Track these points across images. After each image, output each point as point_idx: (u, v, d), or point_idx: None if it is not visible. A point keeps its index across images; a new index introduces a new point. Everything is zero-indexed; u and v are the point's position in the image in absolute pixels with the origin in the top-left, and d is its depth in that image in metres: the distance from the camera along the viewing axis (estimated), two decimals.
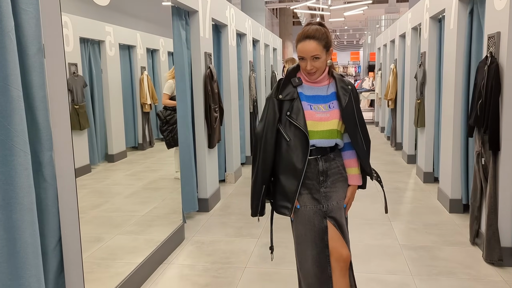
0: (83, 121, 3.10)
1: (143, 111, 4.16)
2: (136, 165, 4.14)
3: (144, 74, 4.06)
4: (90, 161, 3.23)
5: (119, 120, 3.69)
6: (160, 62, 4.31)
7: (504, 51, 3.05)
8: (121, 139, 3.77)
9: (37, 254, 2.04)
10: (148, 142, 4.30)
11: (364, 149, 2.12)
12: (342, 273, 2.08)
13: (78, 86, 3.03)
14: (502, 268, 3.11)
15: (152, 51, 4.20)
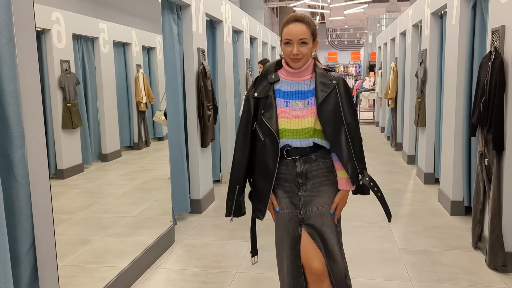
0: (76, 120, 3.01)
1: (139, 110, 4.05)
2: (130, 165, 4.02)
3: (140, 72, 3.95)
4: (83, 161, 3.14)
5: (113, 119, 3.59)
6: (156, 60, 4.19)
7: (509, 45, 2.89)
8: (115, 138, 3.67)
9: (5, 260, 1.88)
10: (144, 141, 4.19)
11: (349, 151, 1.90)
12: (317, 286, 1.92)
13: (71, 83, 2.94)
14: (506, 275, 2.95)
15: (148, 49, 4.09)
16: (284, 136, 1.90)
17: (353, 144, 1.92)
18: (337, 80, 1.94)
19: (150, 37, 4.12)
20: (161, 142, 4.50)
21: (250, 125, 1.96)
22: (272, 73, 1.97)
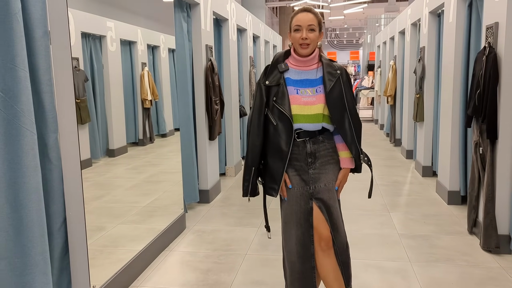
0: (84, 115, 3.13)
1: (144, 107, 4.19)
2: (136, 160, 4.17)
3: (145, 70, 4.09)
4: (92, 155, 3.26)
5: (119, 115, 3.72)
6: (160, 59, 4.35)
7: (502, 41, 3.09)
8: (122, 134, 3.80)
9: (43, 232, 2.08)
10: (149, 138, 4.34)
11: (352, 134, 2.11)
12: (325, 253, 2.12)
13: (80, 80, 3.06)
14: (499, 255, 3.15)
15: (152, 47, 4.24)
16: (297, 121, 2.10)
17: (355, 127, 2.13)
18: (341, 70, 2.14)
19: (155, 36, 4.28)
20: (164, 139, 4.65)
21: (263, 111, 2.15)
22: (281, 63, 2.16)
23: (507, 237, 3.18)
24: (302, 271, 2.14)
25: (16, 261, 2.03)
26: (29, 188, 2.01)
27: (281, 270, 2.95)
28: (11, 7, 1.90)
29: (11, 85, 1.95)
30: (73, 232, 2.36)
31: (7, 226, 2.00)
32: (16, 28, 1.93)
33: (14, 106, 1.96)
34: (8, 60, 1.93)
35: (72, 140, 2.30)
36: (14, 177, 1.99)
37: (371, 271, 2.94)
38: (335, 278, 2.13)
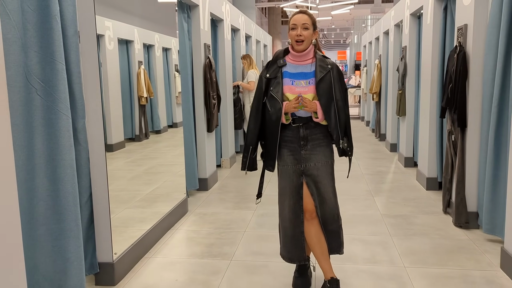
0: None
1: (140, 104, 4.47)
2: (134, 154, 4.47)
3: (141, 68, 4.36)
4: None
5: (118, 111, 3.98)
6: (155, 57, 4.63)
7: (470, 40, 3.51)
8: (120, 130, 4.07)
9: (76, 202, 2.42)
10: (144, 134, 4.63)
11: (336, 122, 2.43)
12: (309, 222, 2.49)
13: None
14: (468, 230, 3.57)
15: (148, 46, 4.53)
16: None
17: (339, 116, 2.47)
18: (332, 66, 2.51)
19: (150, 35, 4.58)
20: (159, 135, 4.95)
21: (262, 99, 2.52)
22: (281, 59, 2.53)
23: (475, 214, 3.60)
24: (293, 235, 2.52)
25: (53, 227, 2.37)
26: (65, 164, 2.36)
27: (276, 243, 3.33)
28: (51, 9, 2.25)
29: (50, 76, 2.29)
30: (98, 205, 2.71)
31: (46, 197, 2.34)
32: (55, 28, 2.27)
33: (53, 94, 2.30)
34: (48, 55, 2.27)
35: (97, 125, 2.65)
36: (52, 154, 2.33)
37: (356, 243, 3.33)
38: (317, 242, 2.49)
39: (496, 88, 3.12)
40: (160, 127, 4.87)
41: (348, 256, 3.03)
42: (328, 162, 2.50)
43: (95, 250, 2.74)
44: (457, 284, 2.68)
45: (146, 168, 4.56)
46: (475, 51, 3.48)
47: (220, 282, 2.76)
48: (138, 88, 4.29)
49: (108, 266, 2.75)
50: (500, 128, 3.16)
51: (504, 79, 3.08)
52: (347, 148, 2.51)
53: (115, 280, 2.77)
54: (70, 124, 2.38)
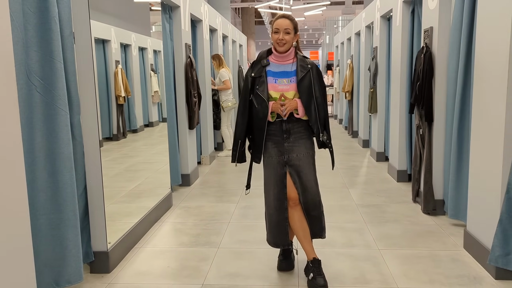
0: None
1: (118, 103, 4.57)
2: (113, 153, 4.57)
3: (119, 67, 4.47)
4: None
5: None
6: (132, 57, 4.75)
7: (435, 42, 3.81)
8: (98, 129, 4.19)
9: (74, 193, 2.57)
10: (122, 133, 4.73)
11: (316, 117, 2.66)
12: (293, 209, 2.71)
13: None
14: (436, 216, 3.88)
15: (124, 46, 4.64)
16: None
17: (319, 112, 2.70)
18: (312, 65, 2.73)
19: (126, 35, 4.69)
20: (135, 134, 5.05)
21: (248, 97, 2.72)
22: (264, 59, 2.74)
23: (442, 201, 3.91)
24: (278, 221, 2.73)
25: (53, 217, 2.51)
26: (63, 157, 2.50)
27: (260, 232, 3.55)
28: (50, 11, 2.39)
29: (50, 74, 2.43)
30: (93, 197, 2.85)
31: (46, 188, 2.47)
32: (54, 29, 2.41)
33: (51, 91, 2.44)
34: (48, 54, 2.41)
35: (92, 121, 2.79)
36: (51, 148, 2.47)
37: (334, 230, 3.57)
38: (300, 227, 2.71)
39: (459, 85, 3.42)
40: (137, 126, 4.96)
41: (327, 241, 3.26)
42: (310, 153, 2.72)
43: (89, 239, 2.88)
44: (426, 262, 2.95)
45: (127, 166, 4.67)
46: (440, 52, 3.78)
47: (210, 267, 2.95)
48: (115, 87, 4.37)
49: (103, 255, 2.89)
50: (463, 122, 3.46)
51: (465, 77, 3.38)
52: (326, 140, 2.73)
53: (110, 268, 2.92)
54: (68, 119, 2.52)
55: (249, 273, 2.86)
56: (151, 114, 4.95)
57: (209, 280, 2.76)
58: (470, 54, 3.32)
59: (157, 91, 4.95)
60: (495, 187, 2.74)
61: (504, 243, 2.64)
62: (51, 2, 2.39)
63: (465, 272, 2.80)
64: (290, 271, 2.85)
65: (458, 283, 2.66)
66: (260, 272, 2.86)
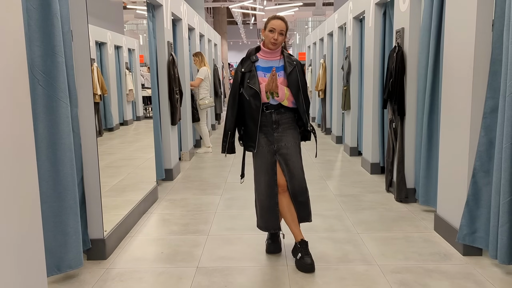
0: None
1: (94, 102, 4.67)
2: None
3: (94, 65, 4.56)
4: None
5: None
6: (107, 55, 4.84)
7: (407, 42, 4.11)
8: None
9: (74, 182, 2.69)
10: (98, 131, 4.82)
11: (303, 108, 2.90)
12: (281, 194, 2.92)
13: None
14: (408, 204, 4.18)
15: (100, 44, 4.72)
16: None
17: (306, 103, 2.94)
18: (296, 62, 2.96)
19: (102, 33, 4.78)
20: (111, 133, 5.14)
21: (238, 91, 2.91)
22: (253, 55, 2.94)
23: (413, 189, 4.21)
24: (268, 206, 2.93)
25: (54, 205, 2.63)
26: (64, 148, 2.62)
27: (247, 221, 3.74)
28: (52, 8, 2.51)
29: (51, 68, 2.54)
30: (90, 186, 2.97)
31: (47, 177, 2.59)
32: (56, 24, 2.53)
33: (53, 84, 2.56)
34: (50, 48, 2.52)
35: (89, 114, 2.91)
36: (53, 138, 2.58)
37: (316, 217, 3.78)
38: (288, 211, 2.93)
39: (428, 82, 3.72)
40: (112, 124, 5.06)
41: (310, 227, 3.48)
42: (296, 143, 2.95)
43: (86, 227, 2.99)
44: (401, 243, 3.23)
45: (107, 163, 4.74)
46: (410, 51, 4.08)
47: (202, 252, 3.12)
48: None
49: (100, 242, 3.01)
50: (432, 115, 3.76)
51: (434, 74, 3.68)
52: (312, 129, 2.97)
53: (106, 254, 3.04)
54: (69, 111, 2.64)
55: (240, 256, 3.05)
56: (126, 113, 5.05)
57: (203, 263, 2.93)
58: (439, 53, 3.62)
59: (132, 89, 5.05)
60: (462, 173, 3.03)
61: (471, 223, 2.93)
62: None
63: (436, 250, 3.09)
64: (278, 254, 3.06)
65: (431, 259, 2.94)
66: (250, 255, 3.05)
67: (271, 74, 2.82)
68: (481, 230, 2.90)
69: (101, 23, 4.57)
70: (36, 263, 1.91)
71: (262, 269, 2.86)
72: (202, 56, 7.10)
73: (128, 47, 4.88)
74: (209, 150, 7.22)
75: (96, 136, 2.98)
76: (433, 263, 2.88)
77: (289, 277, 2.73)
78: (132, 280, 2.72)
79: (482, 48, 2.84)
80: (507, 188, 2.58)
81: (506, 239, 2.61)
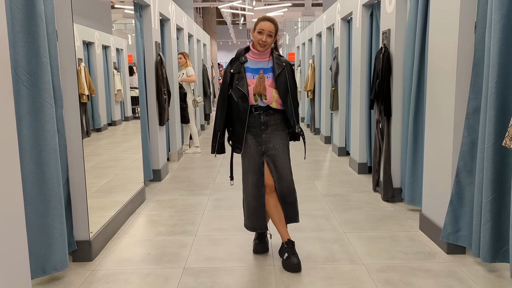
0: None
1: (81, 102, 4.63)
2: None
3: (82, 65, 4.54)
4: None
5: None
6: (95, 55, 4.81)
7: (393, 43, 4.15)
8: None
9: (59, 183, 2.67)
10: (86, 132, 4.79)
11: (291, 110, 2.91)
12: (269, 195, 2.93)
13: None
14: (394, 203, 4.22)
15: (87, 44, 4.70)
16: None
17: (294, 105, 2.95)
18: (286, 63, 2.96)
19: (90, 33, 4.76)
20: (99, 133, 5.11)
21: (227, 92, 2.92)
22: (242, 56, 2.94)
23: (399, 189, 4.26)
24: (255, 207, 2.94)
25: (39, 206, 2.61)
26: (49, 148, 2.60)
27: (234, 221, 3.75)
28: (37, 8, 2.49)
29: (36, 69, 2.53)
30: (76, 187, 2.96)
31: (32, 179, 2.57)
32: (40, 25, 2.51)
33: (38, 84, 2.54)
34: (34, 49, 2.51)
35: (74, 114, 2.90)
36: (37, 139, 2.57)
37: (304, 217, 3.80)
38: (275, 211, 2.94)
39: (414, 82, 3.76)
40: (100, 125, 5.02)
41: (298, 227, 3.50)
42: (285, 144, 2.96)
43: (72, 229, 2.98)
44: (386, 242, 3.26)
45: (94, 164, 4.72)
46: (397, 52, 4.12)
47: (189, 252, 3.12)
48: (79, 85, 4.45)
49: (85, 244, 3.00)
50: (418, 116, 3.80)
51: (419, 75, 3.73)
52: (301, 131, 2.98)
53: (92, 256, 3.03)
54: (54, 112, 2.62)
55: (227, 256, 3.05)
56: (114, 113, 5.02)
57: (190, 264, 2.93)
58: (424, 54, 3.66)
59: (120, 89, 5.02)
60: (446, 172, 3.08)
61: (454, 222, 2.97)
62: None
63: (421, 249, 3.13)
64: (265, 254, 3.08)
65: (415, 258, 2.98)
66: (237, 255, 3.06)
67: (258, 77, 2.83)
68: (465, 228, 2.94)
69: (89, 22, 4.54)
70: (20, 264, 1.90)
71: (249, 269, 2.87)
72: (187, 55, 7.10)
73: (116, 47, 4.86)
74: (198, 150, 7.22)
75: (82, 137, 2.96)
76: (417, 262, 2.92)
77: (276, 277, 2.74)
78: (118, 281, 2.72)
79: (465, 49, 2.88)
80: (489, 187, 2.63)
81: (488, 237, 2.65)
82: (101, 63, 4.70)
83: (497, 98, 2.56)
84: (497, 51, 2.52)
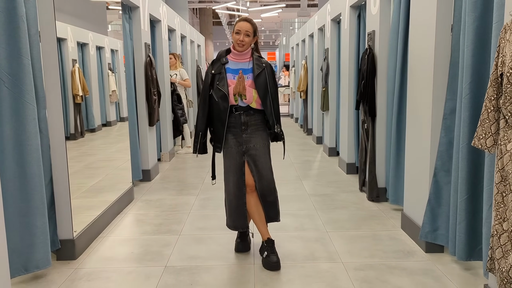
0: None
1: (75, 103, 4.64)
2: (71, 152, 4.63)
3: (76, 66, 4.55)
4: None
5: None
6: (89, 56, 4.84)
7: (377, 44, 4.20)
8: None
9: (42, 183, 2.71)
10: (80, 132, 4.81)
11: (271, 110, 2.95)
12: (249, 194, 2.97)
13: None
14: (379, 203, 4.26)
15: (82, 45, 4.72)
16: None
17: (274, 106, 2.99)
18: (266, 64, 3.01)
19: (84, 33, 4.78)
20: (93, 133, 5.14)
21: (208, 92, 2.97)
22: (223, 57, 2.99)
23: (384, 189, 4.30)
24: (237, 206, 2.99)
25: (22, 206, 2.65)
26: (31, 149, 2.64)
27: (219, 220, 3.79)
28: (18, 10, 2.53)
29: (17, 70, 2.57)
30: (59, 187, 3.00)
31: (14, 179, 2.61)
32: (22, 27, 2.55)
33: (19, 86, 2.58)
34: (16, 51, 2.55)
35: (57, 115, 2.94)
36: (19, 140, 2.61)
37: (287, 216, 3.87)
38: (256, 211, 2.99)
39: (397, 83, 3.81)
40: (95, 125, 5.04)
41: (281, 226, 3.54)
42: (265, 144, 3.00)
43: (56, 228, 3.02)
44: (367, 241, 3.30)
45: (86, 164, 4.75)
46: (381, 53, 4.17)
47: (172, 251, 3.16)
48: (73, 86, 4.45)
49: (69, 243, 3.04)
50: (400, 116, 3.85)
51: (402, 76, 3.77)
52: (280, 132, 3.02)
53: (76, 255, 3.07)
54: (36, 113, 2.67)
55: (209, 255, 3.10)
56: (109, 114, 5.05)
57: (172, 262, 2.98)
58: (406, 55, 3.70)
59: (115, 90, 5.06)
60: (424, 172, 3.12)
61: (432, 221, 3.02)
62: (19, 1, 2.53)
63: (400, 248, 3.17)
64: (246, 252, 3.12)
65: (394, 256, 3.02)
66: (219, 254, 3.11)
67: (238, 77, 2.88)
68: (442, 227, 2.99)
69: (83, 23, 4.57)
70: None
71: (230, 267, 2.91)
72: (179, 57, 7.14)
73: (111, 48, 4.89)
74: (190, 150, 7.26)
75: (64, 137, 3.00)
76: (396, 260, 2.96)
77: (255, 275, 2.78)
78: (100, 279, 2.76)
79: (442, 51, 2.93)
80: (464, 186, 2.67)
81: (464, 236, 2.70)
82: (95, 64, 4.73)
83: (471, 99, 2.61)
84: (471, 52, 2.57)
